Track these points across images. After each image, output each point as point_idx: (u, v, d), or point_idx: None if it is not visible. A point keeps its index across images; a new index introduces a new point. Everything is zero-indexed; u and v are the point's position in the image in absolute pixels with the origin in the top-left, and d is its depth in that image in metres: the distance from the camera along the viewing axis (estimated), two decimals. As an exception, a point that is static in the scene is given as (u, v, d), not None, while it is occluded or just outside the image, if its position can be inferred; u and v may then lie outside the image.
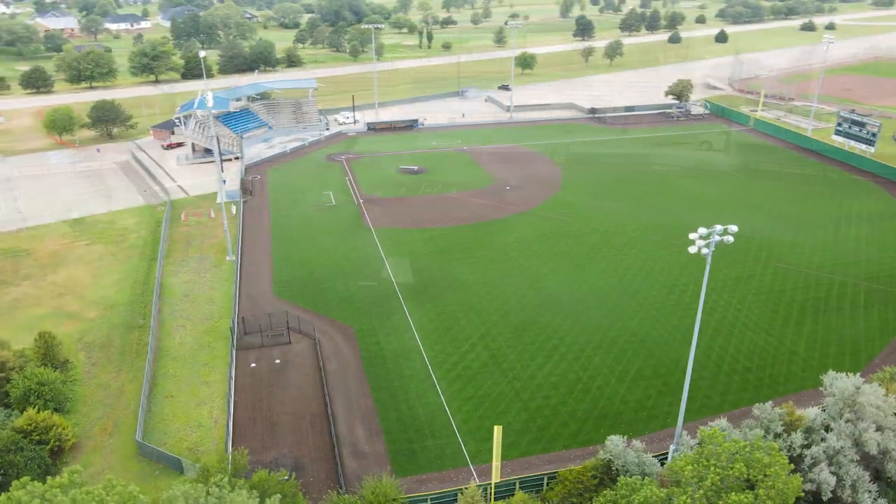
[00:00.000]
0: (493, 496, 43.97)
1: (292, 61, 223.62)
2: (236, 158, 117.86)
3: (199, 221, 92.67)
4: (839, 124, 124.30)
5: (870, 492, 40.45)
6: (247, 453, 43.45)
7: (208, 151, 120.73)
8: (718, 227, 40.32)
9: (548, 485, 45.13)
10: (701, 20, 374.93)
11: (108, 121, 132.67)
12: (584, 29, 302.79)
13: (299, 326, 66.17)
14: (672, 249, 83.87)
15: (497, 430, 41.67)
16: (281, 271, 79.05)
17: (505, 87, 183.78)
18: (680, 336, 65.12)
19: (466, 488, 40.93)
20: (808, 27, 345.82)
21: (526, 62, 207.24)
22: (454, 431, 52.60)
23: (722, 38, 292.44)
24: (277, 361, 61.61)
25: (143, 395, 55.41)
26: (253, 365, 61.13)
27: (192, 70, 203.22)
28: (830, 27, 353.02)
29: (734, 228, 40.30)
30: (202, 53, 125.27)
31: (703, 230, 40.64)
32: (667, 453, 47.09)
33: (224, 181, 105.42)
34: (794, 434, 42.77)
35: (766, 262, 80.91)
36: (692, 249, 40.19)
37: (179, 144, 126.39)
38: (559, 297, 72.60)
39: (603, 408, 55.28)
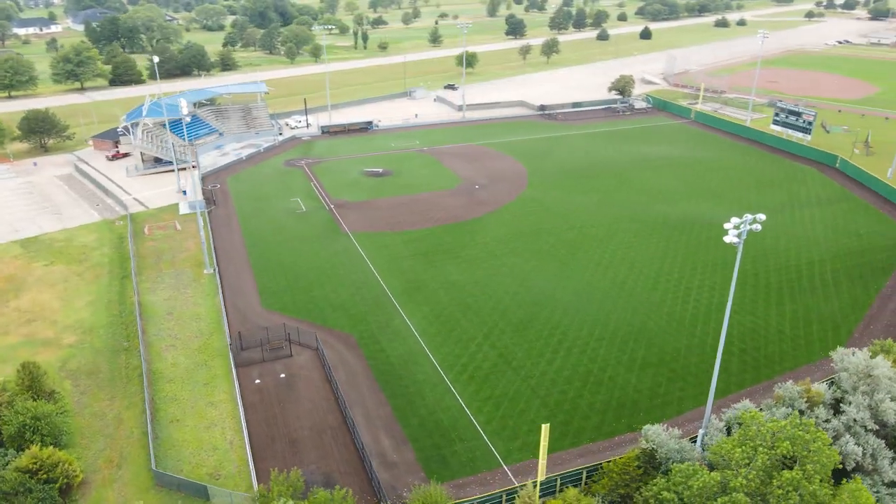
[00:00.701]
0: (537, 494, 44.12)
1: (227, 65, 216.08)
2: (192, 167, 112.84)
3: (166, 235, 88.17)
4: (777, 114, 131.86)
5: (890, 459, 43.15)
6: (300, 473, 41.73)
7: (158, 161, 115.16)
8: (748, 217, 41.85)
9: (589, 478, 45.73)
10: (622, 18, 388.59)
11: (42, 132, 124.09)
12: (515, 28, 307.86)
13: (298, 338, 64.15)
14: (649, 240, 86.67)
15: (545, 429, 41.82)
16: (265, 282, 76.37)
17: (451, 87, 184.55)
18: (675, 324, 67.39)
19: (524, 487, 40.87)
20: (722, 23, 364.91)
21: (468, 61, 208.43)
22: (480, 433, 52.43)
23: (646, 34, 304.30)
24: (283, 376, 59.50)
25: (148, 422, 52.30)
26: (257, 381, 58.79)
27: (121, 76, 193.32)
28: (741, 23, 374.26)
29: (762, 217, 41.98)
30: (156, 59, 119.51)
31: (735, 220, 42.10)
32: (694, 437, 48.60)
33: (185, 192, 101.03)
34: (817, 409, 45.12)
35: (734, 247, 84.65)
36: (727, 239, 41.59)
37: (125, 155, 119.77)
38: (551, 293, 73.57)
39: (619, 398, 56.49)
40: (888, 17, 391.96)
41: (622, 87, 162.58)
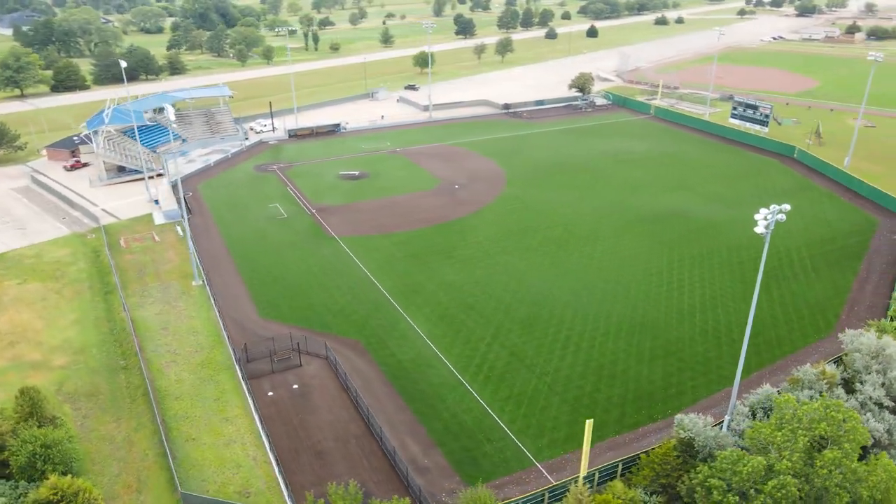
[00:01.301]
0: (586, 490, 44.49)
1: (176, 69, 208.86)
2: (158, 175, 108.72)
3: (145, 247, 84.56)
4: (734, 108, 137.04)
5: (905, 433, 45.56)
6: (356, 484, 40.72)
7: (122, 170, 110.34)
8: (775, 207, 43.33)
9: (627, 469, 46.42)
10: (566, 17, 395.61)
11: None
12: (465, 27, 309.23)
13: (306, 347, 62.68)
14: (632, 235, 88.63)
15: (588, 424, 42.17)
16: (258, 291, 74.26)
17: (412, 87, 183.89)
18: (675, 315, 69.15)
19: (575, 483, 41.13)
20: (662, 21, 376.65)
21: (425, 61, 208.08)
22: (507, 433, 52.49)
23: (593, 32, 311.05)
24: (295, 387, 58.02)
25: (165, 442, 50.08)
26: (270, 394, 57.15)
27: (64, 82, 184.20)
28: (680, 21, 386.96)
29: (787, 207, 43.53)
30: (123, 63, 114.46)
31: (764, 211, 43.50)
32: (718, 424, 49.94)
33: (157, 201, 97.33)
34: (836, 389, 47.16)
35: (715, 238, 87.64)
36: (758, 229, 42.94)
37: (84, 164, 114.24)
38: (549, 290, 74.29)
39: (634, 390, 57.55)
40: (814, 14, 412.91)
41: (582, 84, 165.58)
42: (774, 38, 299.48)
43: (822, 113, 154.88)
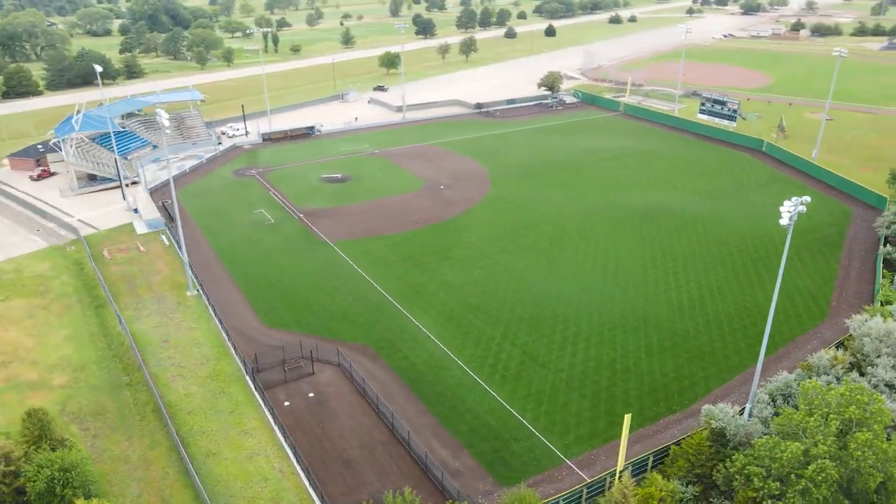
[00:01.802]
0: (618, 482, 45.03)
1: (133, 73, 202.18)
2: (133, 183, 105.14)
3: (130, 257, 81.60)
4: (703, 104, 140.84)
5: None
6: (411, 490, 40.10)
7: (93, 178, 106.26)
8: (796, 199, 44.63)
9: (658, 461, 47.16)
10: (522, 16, 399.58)
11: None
12: (425, 28, 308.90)
13: (316, 354, 61.55)
14: (623, 231, 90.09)
15: (626, 418, 42.71)
16: (256, 299, 72.57)
17: (380, 88, 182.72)
18: (675, 308, 70.59)
19: (621, 478, 41.52)
20: (616, 20, 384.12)
21: (392, 62, 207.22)
22: (532, 431, 52.68)
23: (551, 32, 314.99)
24: (311, 395, 56.94)
25: (186, 459, 48.45)
26: (287, 403, 55.93)
27: (15, 88, 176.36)
28: (633, 20, 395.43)
29: (808, 199, 44.90)
30: (98, 68, 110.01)
31: (788, 203, 44.77)
32: (741, 411, 51.17)
33: (136, 210, 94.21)
34: (851, 373, 48.95)
35: (703, 232, 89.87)
36: (783, 221, 44.17)
37: (51, 173, 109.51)
38: (550, 287, 74.90)
39: (649, 382, 58.53)
40: (758, 12, 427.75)
41: (551, 83, 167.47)
42: (725, 36, 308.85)
43: (781, 107, 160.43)
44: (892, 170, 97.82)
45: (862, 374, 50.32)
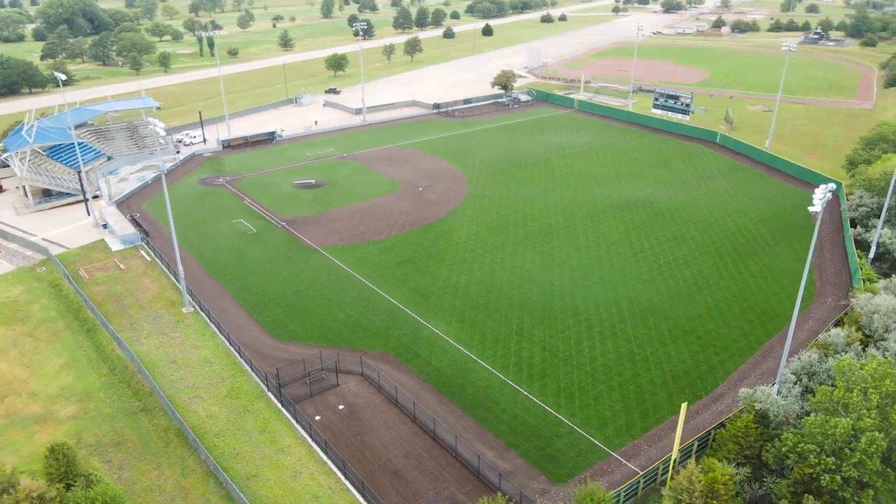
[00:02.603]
0: (671, 470, 46.26)
1: (63, 80, 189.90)
2: (95, 197, 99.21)
3: (111, 276, 76.92)
4: (656, 99, 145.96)
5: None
6: (502, 496, 39.56)
7: (48, 193, 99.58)
8: (823, 187, 47.05)
9: (702, 447, 48.68)
10: (455, 16, 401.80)
11: None
12: (365, 29, 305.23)
13: (339, 365, 60.04)
14: (607, 222, 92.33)
15: (683, 407, 43.92)
16: (260, 313, 70.02)
17: (333, 91, 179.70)
18: (675, 295, 73.02)
19: (684, 466, 42.55)
20: (547, 19, 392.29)
21: (339, 64, 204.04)
22: (572, 427, 53.30)
23: (488, 31, 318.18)
24: (341, 407, 55.54)
25: (229, 484, 46.26)
26: (318, 417, 54.34)
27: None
28: (563, 19, 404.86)
29: (833, 186, 47.43)
30: (62, 77, 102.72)
31: (818, 191, 47.10)
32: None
33: (105, 224, 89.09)
34: (869, 349, 52.06)
35: (680, 221, 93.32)
36: (812, 209, 46.47)
37: (2, 190, 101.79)
38: (552, 282, 75.94)
39: (670, 371, 60.31)
40: (678, 11, 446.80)
41: (505, 81, 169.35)
42: (654, 34, 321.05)
43: (723, 100, 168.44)
44: (848, 156, 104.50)
45: (876, 349, 53.58)
